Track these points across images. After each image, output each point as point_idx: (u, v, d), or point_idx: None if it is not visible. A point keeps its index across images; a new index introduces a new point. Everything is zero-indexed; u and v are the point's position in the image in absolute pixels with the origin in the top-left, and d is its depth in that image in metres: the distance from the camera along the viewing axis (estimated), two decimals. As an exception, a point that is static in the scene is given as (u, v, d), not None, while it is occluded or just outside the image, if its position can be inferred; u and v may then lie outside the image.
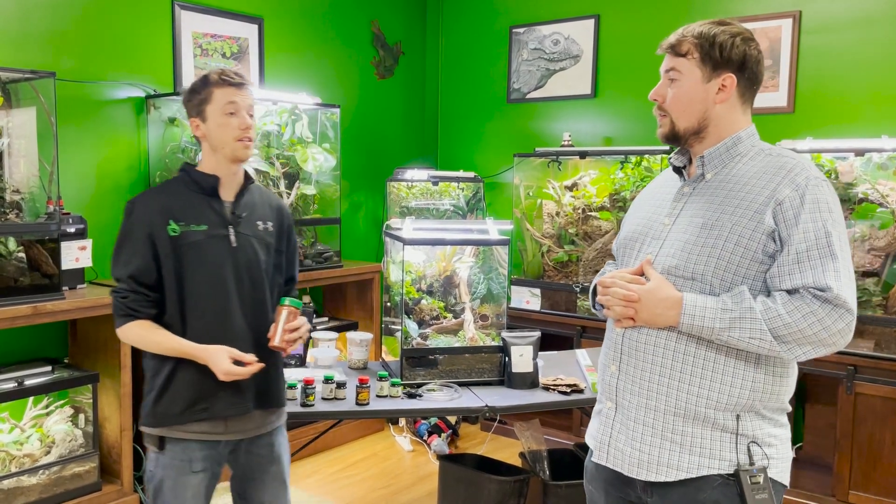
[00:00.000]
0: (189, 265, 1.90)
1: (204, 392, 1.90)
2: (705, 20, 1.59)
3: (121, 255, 1.91)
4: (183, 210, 1.92)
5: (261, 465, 2.04)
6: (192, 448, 1.93)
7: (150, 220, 1.89)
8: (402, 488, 3.56)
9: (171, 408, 1.91)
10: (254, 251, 1.97)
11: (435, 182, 4.33)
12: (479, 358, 2.78)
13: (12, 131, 2.84)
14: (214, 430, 1.94)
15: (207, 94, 1.92)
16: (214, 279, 1.91)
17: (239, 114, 1.93)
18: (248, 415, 1.98)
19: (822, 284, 1.41)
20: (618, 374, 1.60)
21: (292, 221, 2.14)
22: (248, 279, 1.96)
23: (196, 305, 1.90)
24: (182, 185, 1.97)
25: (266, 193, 2.11)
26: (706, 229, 1.51)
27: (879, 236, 3.19)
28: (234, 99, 1.92)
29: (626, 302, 1.54)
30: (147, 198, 1.95)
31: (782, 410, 1.56)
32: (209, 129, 1.94)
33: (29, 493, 2.86)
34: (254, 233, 1.99)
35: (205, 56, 3.71)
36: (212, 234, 1.92)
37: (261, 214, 2.02)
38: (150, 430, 1.94)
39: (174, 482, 1.92)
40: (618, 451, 1.59)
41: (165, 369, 1.91)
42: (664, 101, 1.58)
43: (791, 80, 3.65)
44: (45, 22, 3.16)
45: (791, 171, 1.49)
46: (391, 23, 4.71)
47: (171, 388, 1.91)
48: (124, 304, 1.89)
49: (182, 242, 1.89)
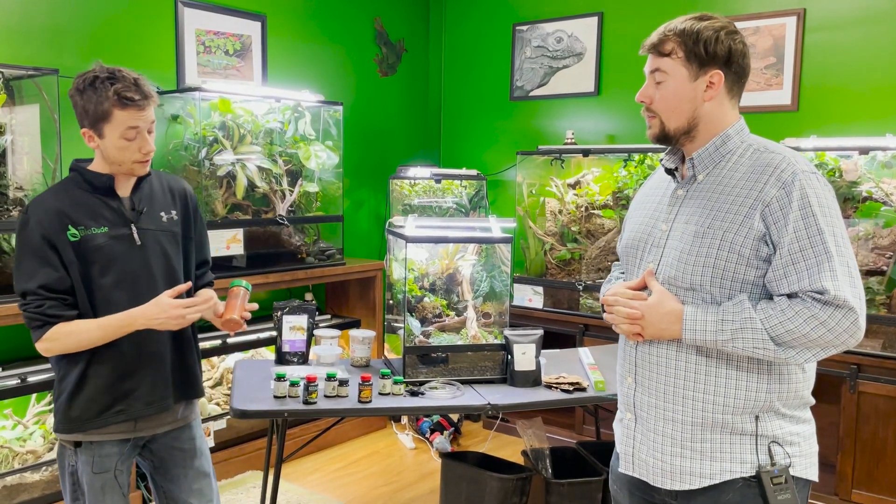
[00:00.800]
0: (95, 269, 1.82)
1: (119, 394, 1.85)
2: (686, 16, 1.54)
3: (24, 268, 1.79)
4: (80, 213, 1.82)
5: (183, 460, 2.01)
6: (108, 447, 1.89)
7: (48, 228, 1.78)
8: (405, 486, 3.57)
9: (84, 413, 1.84)
10: (160, 245, 1.91)
11: (438, 180, 4.33)
12: (481, 356, 2.78)
13: (15, 128, 2.84)
14: (126, 430, 1.91)
15: (105, 112, 1.78)
16: (124, 280, 1.85)
17: (140, 136, 1.82)
18: (165, 411, 1.94)
19: (819, 287, 1.39)
20: (634, 387, 1.60)
21: (196, 204, 2.05)
22: (161, 275, 1.91)
23: (108, 309, 1.82)
24: (75, 185, 1.86)
25: (165, 179, 2.01)
26: (699, 237, 1.49)
27: (883, 235, 3.18)
28: (136, 123, 1.80)
29: (630, 320, 1.53)
30: (41, 204, 1.82)
31: (804, 406, 1.54)
32: (105, 147, 1.82)
33: (32, 489, 2.87)
34: (157, 226, 1.92)
35: (208, 53, 3.71)
36: (113, 234, 1.84)
37: (162, 204, 1.95)
38: (64, 436, 1.88)
39: (91, 480, 1.88)
40: (641, 462, 1.59)
41: (75, 372, 1.83)
42: (652, 103, 1.56)
43: (795, 78, 3.64)
44: (49, 19, 3.16)
45: (777, 167, 1.46)
46: (394, 20, 4.70)
47: (83, 392, 1.84)
48: (40, 313, 1.77)
49: (84, 247, 1.81)
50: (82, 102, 1.80)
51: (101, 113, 1.79)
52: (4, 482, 2.80)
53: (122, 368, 1.85)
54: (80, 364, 1.84)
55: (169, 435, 1.99)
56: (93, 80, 1.79)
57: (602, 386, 2.65)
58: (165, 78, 3.56)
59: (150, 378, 1.89)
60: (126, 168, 1.86)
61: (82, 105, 1.81)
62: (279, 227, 3.66)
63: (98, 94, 1.78)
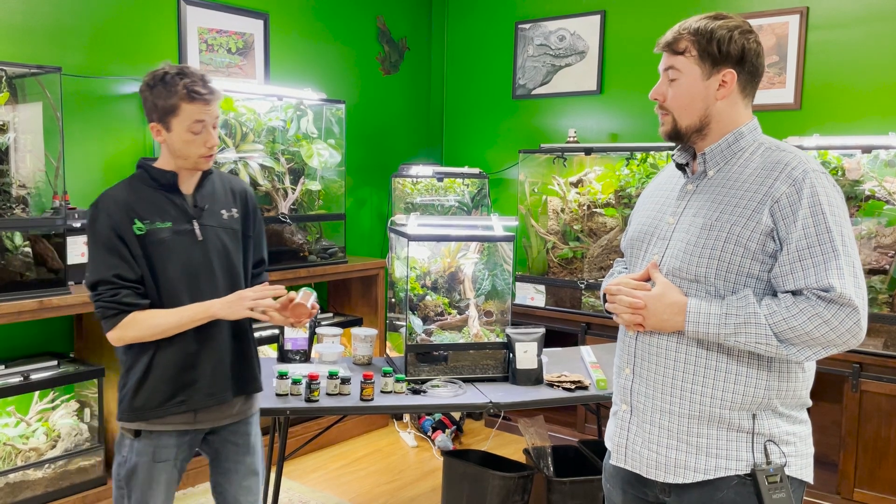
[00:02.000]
0: (159, 263, 1.88)
1: (181, 384, 1.90)
2: (701, 15, 1.55)
3: (97, 259, 1.86)
4: (145, 208, 1.89)
5: (236, 455, 2.04)
6: (167, 437, 1.93)
7: (116, 221, 1.85)
8: (406, 484, 3.57)
9: (148, 403, 1.89)
10: (221, 242, 1.97)
11: (440, 178, 4.33)
12: (483, 354, 2.78)
13: (18, 126, 2.84)
14: (187, 421, 1.94)
15: (173, 105, 1.85)
16: (186, 274, 1.90)
17: (206, 130, 1.89)
18: (220, 405, 1.98)
19: (825, 284, 1.39)
20: (632, 378, 1.60)
21: (256, 203, 2.11)
22: (220, 270, 1.96)
23: (172, 301, 1.89)
24: (141, 182, 1.93)
25: (227, 179, 2.08)
26: (706, 230, 1.49)
27: (886, 234, 3.18)
28: (202, 117, 1.87)
29: (633, 309, 1.53)
30: (109, 198, 1.89)
31: (801, 406, 1.54)
32: (172, 141, 1.89)
33: (35, 486, 2.87)
34: (218, 222, 1.98)
35: (210, 51, 3.71)
36: (176, 230, 1.90)
37: (223, 203, 2.01)
38: (126, 424, 1.93)
39: (148, 469, 1.92)
40: (635, 454, 1.58)
41: (141, 363, 1.89)
42: (665, 100, 1.56)
43: (798, 77, 3.63)
44: (51, 17, 3.16)
45: (787, 165, 1.46)
46: (396, 18, 4.70)
47: (147, 383, 1.89)
48: (116, 301, 1.83)
49: (149, 241, 1.87)
50: (152, 97, 1.87)
51: (169, 107, 1.85)
52: (7, 479, 2.80)
53: (184, 360, 1.90)
54: (147, 355, 1.89)
55: (227, 428, 2.03)
56: (163, 76, 1.86)
57: (604, 384, 2.65)
58: (168, 76, 3.56)
59: (211, 370, 1.93)
60: (191, 162, 1.92)
61: (152, 100, 1.87)
62: (281, 226, 3.66)
63: (168, 88, 1.84)
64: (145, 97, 1.89)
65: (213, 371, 1.93)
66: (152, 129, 1.90)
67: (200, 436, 2.01)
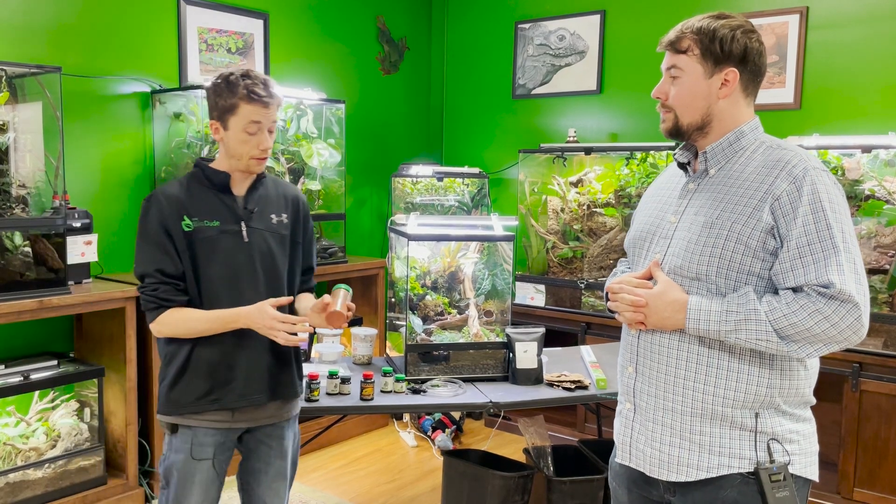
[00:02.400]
0: (203, 260, 1.92)
1: (216, 382, 1.93)
2: (704, 14, 1.56)
3: (144, 252, 1.92)
4: (196, 206, 1.94)
5: (267, 457, 2.05)
6: (202, 435, 1.95)
7: (165, 216, 1.91)
8: (406, 483, 3.57)
9: (183, 397, 1.93)
10: (267, 245, 1.99)
11: (440, 178, 4.33)
12: (483, 354, 2.78)
13: (18, 126, 2.84)
14: (223, 419, 1.97)
15: (233, 104, 1.91)
16: (227, 274, 1.94)
17: (261, 132, 1.93)
18: (261, 405, 2.00)
19: (825, 281, 1.39)
20: (635, 376, 1.60)
21: (308, 211, 2.14)
22: (263, 273, 1.98)
23: (212, 300, 1.92)
24: (195, 180, 1.98)
25: (281, 185, 2.11)
26: (707, 228, 1.50)
27: (886, 233, 3.18)
28: (258, 119, 1.91)
29: (634, 307, 1.54)
30: (161, 193, 1.95)
31: (805, 404, 1.54)
32: (228, 139, 1.94)
33: (35, 486, 2.87)
34: (267, 226, 2.00)
35: (210, 51, 3.71)
36: (224, 229, 1.94)
37: (275, 207, 2.04)
38: (163, 417, 1.98)
39: (183, 466, 1.95)
40: (639, 452, 1.59)
41: (180, 357, 1.93)
42: (667, 99, 1.57)
43: (798, 77, 3.64)
44: (51, 17, 3.16)
45: (788, 163, 1.47)
46: (396, 18, 4.70)
47: (184, 378, 1.93)
48: (155, 296, 1.90)
49: (195, 238, 1.92)
50: (214, 96, 1.94)
51: (229, 105, 1.91)
52: (7, 479, 2.80)
53: (221, 359, 1.93)
54: (185, 350, 1.92)
55: (262, 430, 2.04)
56: (228, 77, 1.93)
57: (604, 384, 2.65)
58: (167, 76, 3.56)
59: (246, 372, 1.95)
60: (243, 163, 1.95)
61: (214, 98, 1.94)
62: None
63: (230, 88, 1.90)
64: (209, 95, 1.96)
65: (248, 373, 1.95)
66: (211, 127, 1.96)
67: (237, 435, 2.02)
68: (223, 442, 1.99)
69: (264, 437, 2.05)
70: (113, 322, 3.05)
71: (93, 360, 3.15)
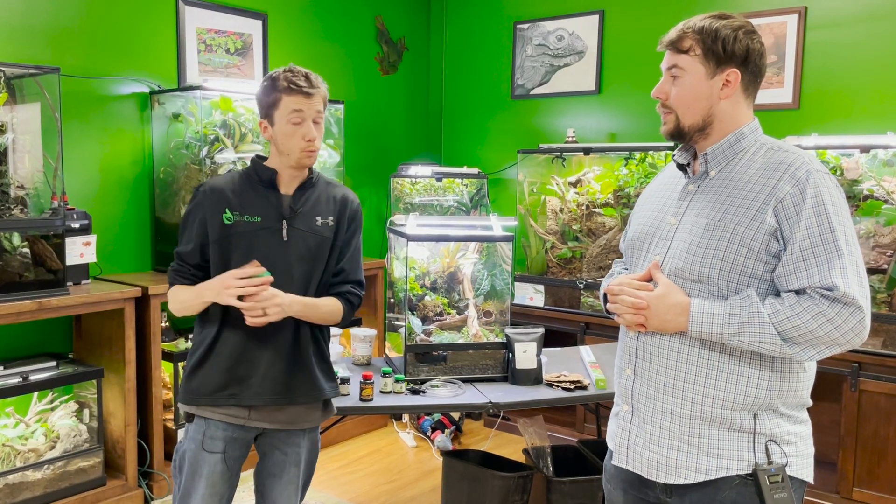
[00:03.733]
0: (235, 253, 1.93)
1: (234, 378, 1.92)
2: (705, 14, 1.55)
3: (181, 234, 2.00)
4: (240, 199, 1.95)
5: (282, 464, 2.03)
6: (215, 427, 1.95)
7: (208, 207, 1.94)
8: (406, 484, 3.57)
9: (201, 388, 1.94)
10: (305, 246, 1.97)
11: (439, 178, 4.33)
12: (482, 354, 2.78)
13: (17, 127, 2.84)
14: (239, 416, 1.96)
15: (276, 98, 1.92)
16: None
17: (305, 123, 1.93)
18: (278, 407, 1.97)
19: (829, 283, 1.39)
20: (633, 378, 1.60)
21: (357, 214, 2.09)
22: (298, 273, 1.96)
23: None
24: (246, 176, 2.00)
25: (332, 187, 2.08)
26: (709, 230, 1.49)
27: (884, 233, 3.18)
28: (300, 107, 1.92)
29: (635, 310, 1.53)
30: (208, 185, 1.99)
31: (802, 406, 1.54)
32: (276, 134, 1.95)
33: (34, 487, 2.87)
34: (309, 227, 1.98)
35: (209, 52, 3.71)
36: (264, 226, 1.94)
37: (323, 210, 2.01)
38: (182, 405, 1.99)
39: (194, 456, 1.95)
40: (636, 454, 1.58)
41: (203, 346, 1.95)
42: (668, 99, 1.56)
43: (796, 77, 3.64)
44: (50, 17, 3.16)
45: (791, 165, 1.47)
46: (395, 18, 4.70)
47: (203, 368, 1.94)
48: (171, 272, 1.99)
49: (233, 231, 1.93)
50: (262, 96, 1.96)
51: (272, 100, 1.93)
52: (6, 480, 2.80)
53: (240, 354, 1.93)
54: (209, 340, 1.95)
55: (277, 435, 2.02)
56: (271, 75, 1.96)
57: (603, 384, 2.65)
58: (166, 76, 3.56)
59: (263, 371, 1.94)
60: (294, 158, 1.95)
61: (262, 98, 1.97)
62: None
63: (274, 84, 1.93)
64: (257, 97, 1.99)
65: (266, 372, 1.93)
66: (261, 126, 1.98)
67: (253, 434, 2.01)
68: (236, 438, 1.97)
69: (279, 443, 2.02)
70: (112, 323, 3.05)
71: (92, 361, 3.15)
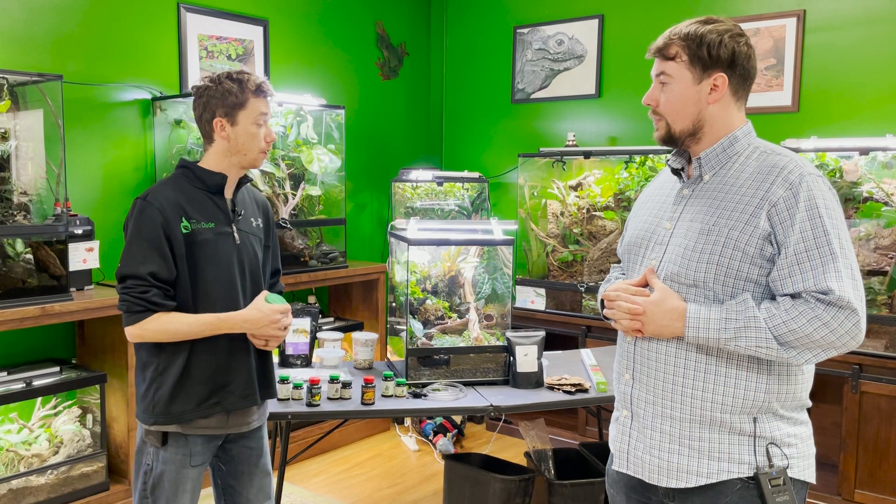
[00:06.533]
0: (201, 263, 1.91)
1: (216, 386, 1.93)
2: (692, 19, 1.56)
3: (136, 253, 1.84)
4: (192, 207, 1.92)
5: (251, 459, 2.08)
6: (194, 443, 1.95)
7: (166, 217, 1.86)
8: (408, 488, 3.57)
9: (187, 404, 1.90)
10: (252, 248, 2.03)
11: (439, 182, 4.34)
12: (483, 358, 2.79)
13: (20, 134, 2.85)
14: (218, 426, 1.97)
15: (244, 99, 1.93)
16: (224, 276, 1.94)
17: (266, 125, 1.98)
18: (250, 408, 2.02)
19: (824, 287, 1.40)
20: (632, 383, 1.60)
21: (272, 215, 2.20)
22: (249, 275, 2.01)
23: (207, 302, 1.91)
24: (185, 181, 1.95)
25: (251, 190, 2.15)
26: (704, 234, 1.50)
27: (884, 235, 3.19)
28: (265, 111, 1.97)
29: (631, 315, 1.54)
30: (161, 194, 1.90)
31: (801, 408, 1.55)
32: (236, 134, 1.94)
33: (37, 492, 2.88)
34: (249, 229, 2.04)
35: (210, 58, 3.73)
36: (218, 231, 1.95)
37: (252, 211, 2.08)
38: (157, 427, 1.91)
39: (175, 476, 1.93)
40: (637, 459, 1.58)
41: (176, 366, 1.88)
42: (658, 106, 1.57)
43: (795, 79, 3.65)
44: (52, 25, 3.18)
45: (784, 169, 1.47)
46: (395, 24, 4.72)
47: (185, 387, 1.89)
48: (144, 299, 1.82)
49: (193, 240, 1.90)
50: (221, 92, 1.93)
51: (240, 100, 1.93)
52: (10, 486, 2.81)
53: (218, 362, 1.93)
54: (182, 356, 1.89)
55: (246, 434, 2.06)
56: (228, 74, 1.95)
57: (604, 387, 2.65)
58: (168, 83, 3.58)
59: (243, 373, 1.97)
60: (250, 158, 1.98)
61: (221, 94, 1.93)
62: (282, 231, 3.67)
63: (240, 84, 1.94)
64: (210, 92, 1.94)
65: (246, 374, 1.97)
66: (215, 126, 1.94)
67: (220, 442, 2.03)
68: (210, 449, 2.00)
69: (246, 441, 2.06)
70: (115, 328, 3.06)
71: (95, 367, 3.16)
